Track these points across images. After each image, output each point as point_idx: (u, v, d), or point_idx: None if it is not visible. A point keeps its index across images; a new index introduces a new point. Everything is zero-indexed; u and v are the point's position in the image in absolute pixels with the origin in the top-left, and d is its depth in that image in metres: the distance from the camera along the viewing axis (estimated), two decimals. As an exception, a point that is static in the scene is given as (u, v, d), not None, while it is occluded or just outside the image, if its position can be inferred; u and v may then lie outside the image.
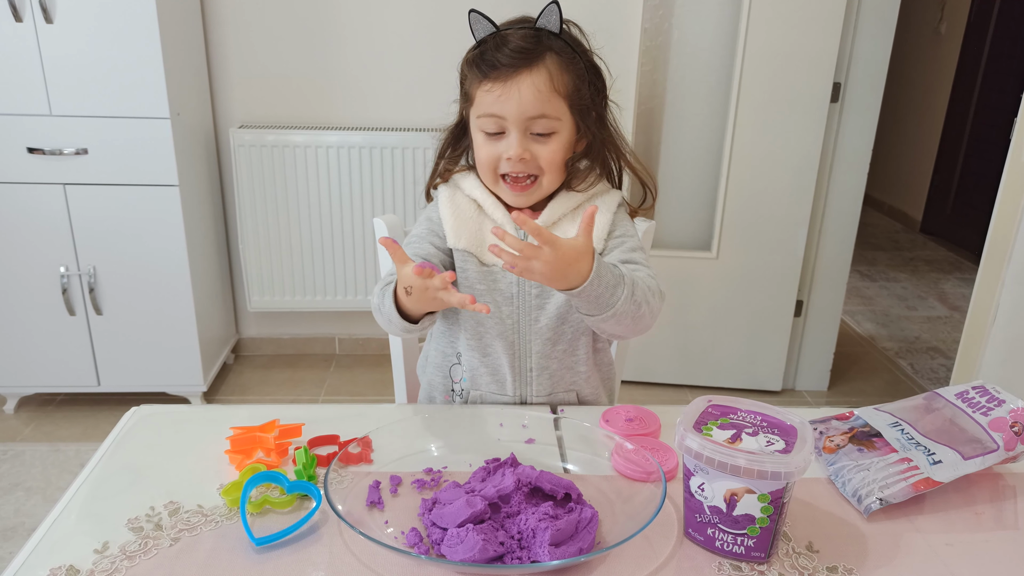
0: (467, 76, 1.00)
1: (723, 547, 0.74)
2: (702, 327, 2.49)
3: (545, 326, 1.04)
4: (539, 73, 0.95)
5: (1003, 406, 0.87)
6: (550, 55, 0.96)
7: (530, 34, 0.96)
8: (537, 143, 0.98)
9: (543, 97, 0.95)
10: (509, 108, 0.95)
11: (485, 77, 0.96)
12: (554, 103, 0.96)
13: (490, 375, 1.06)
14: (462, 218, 1.04)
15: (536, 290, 1.03)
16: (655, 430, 0.95)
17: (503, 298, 1.04)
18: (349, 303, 2.58)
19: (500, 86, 0.95)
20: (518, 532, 0.73)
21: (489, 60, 0.96)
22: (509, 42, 0.96)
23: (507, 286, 1.03)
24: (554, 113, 0.97)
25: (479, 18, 0.98)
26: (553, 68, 0.96)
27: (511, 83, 0.95)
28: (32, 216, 2.10)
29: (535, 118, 0.96)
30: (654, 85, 2.31)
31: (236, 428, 0.89)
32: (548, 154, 0.98)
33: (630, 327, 0.95)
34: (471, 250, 1.03)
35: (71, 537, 0.75)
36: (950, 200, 4.33)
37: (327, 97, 2.46)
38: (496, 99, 0.96)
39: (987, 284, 1.81)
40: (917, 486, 0.81)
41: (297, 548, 0.73)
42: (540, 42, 0.96)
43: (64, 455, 2.15)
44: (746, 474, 0.70)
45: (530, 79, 0.95)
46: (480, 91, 0.97)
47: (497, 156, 0.99)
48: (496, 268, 1.03)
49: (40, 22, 1.93)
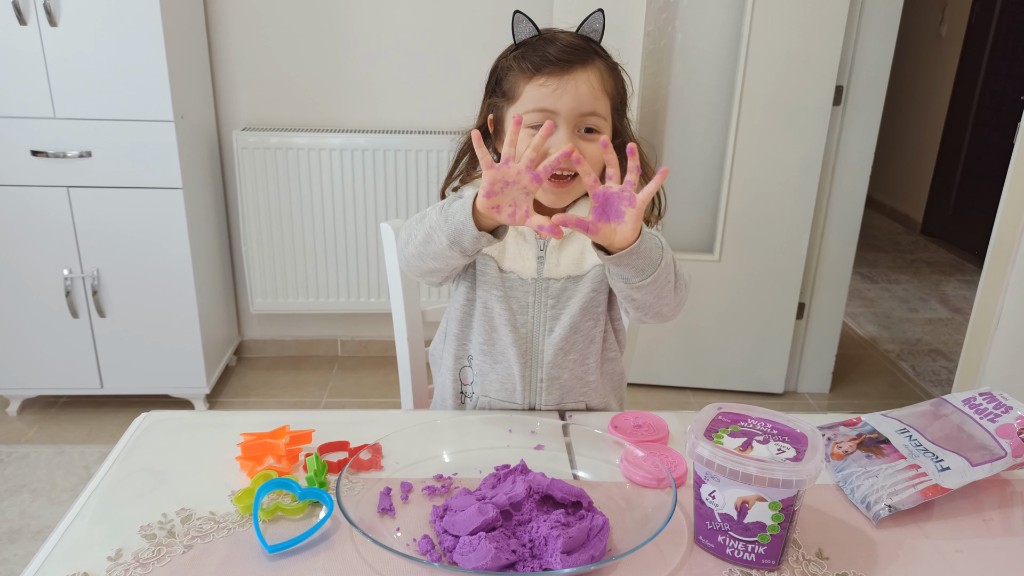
0: (510, 73, 0.99)
1: (734, 554, 0.74)
2: (705, 329, 2.50)
3: (559, 336, 1.04)
4: (592, 72, 0.97)
5: (1010, 413, 0.87)
6: (598, 58, 0.99)
7: (579, 37, 0.99)
8: (583, 140, 0.97)
9: (596, 94, 0.96)
10: (564, 102, 0.95)
11: (538, 71, 0.96)
12: (603, 103, 0.98)
13: (500, 382, 1.06)
14: None
15: (552, 300, 1.03)
16: (663, 436, 0.95)
17: (519, 307, 1.04)
18: (352, 305, 2.58)
19: (556, 80, 0.95)
20: (530, 540, 0.73)
21: (542, 55, 0.96)
22: (560, 41, 0.97)
23: (523, 295, 1.03)
24: (603, 112, 0.98)
25: (523, 19, 0.99)
26: (603, 70, 0.98)
27: (567, 78, 0.95)
28: (36, 218, 2.10)
29: (587, 115, 0.96)
30: (657, 88, 2.32)
31: (247, 434, 0.89)
32: (592, 152, 0.97)
33: (669, 297, 0.94)
34: (491, 253, 1.03)
35: (84, 544, 0.75)
36: (951, 202, 4.33)
37: (331, 99, 2.46)
38: (551, 92, 0.95)
39: (991, 288, 1.81)
40: (926, 492, 0.81)
41: (310, 555, 0.74)
42: (590, 43, 0.98)
43: (69, 457, 2.15)
44: (757, 482, 0.70)
45: (585, 75, 0.96)
46: (530, 86, 0.96)
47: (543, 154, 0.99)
48: (513, 275, 1.03)
49: (44, 25, 1.93)
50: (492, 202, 0.85)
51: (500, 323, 1.03)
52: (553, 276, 1.03)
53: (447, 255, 0.93)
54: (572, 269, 1.04)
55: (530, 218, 0.84)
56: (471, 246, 0.90)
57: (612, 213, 0.84)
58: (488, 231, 0.89)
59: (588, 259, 1.04)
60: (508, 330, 1.03)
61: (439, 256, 0.94)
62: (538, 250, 1.03)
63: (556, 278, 1.03)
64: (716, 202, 2.39)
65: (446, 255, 0.93)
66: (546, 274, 1.03)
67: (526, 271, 1.03)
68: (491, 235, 0.89)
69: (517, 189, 0.85)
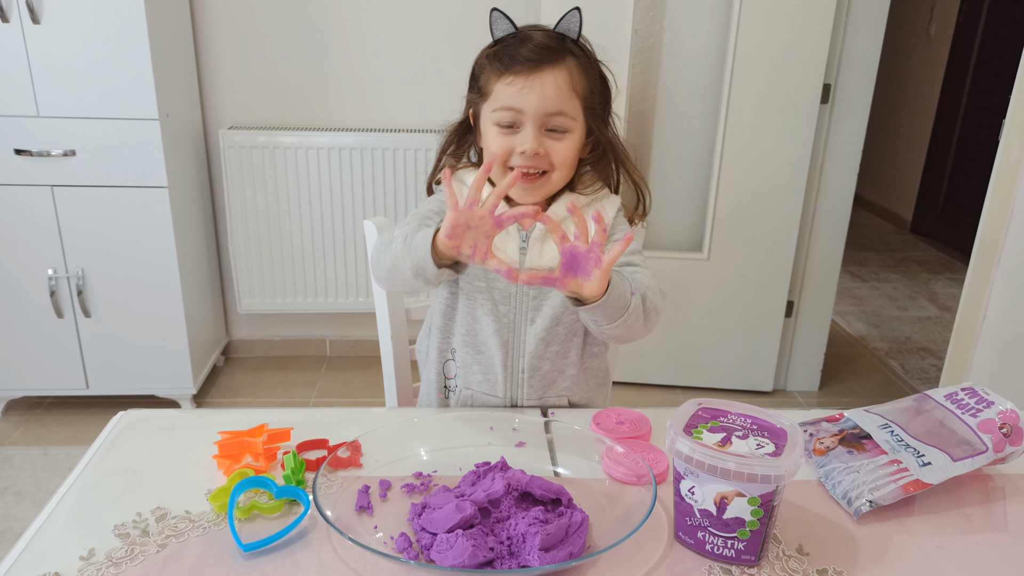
0: (484, 71, 1.02)
1: (713, 550, 0.74)
2: (693, 328, 2.50)
3: (540, 326, 1.05)
4: (561, 71, 0.98)
5: (992, 408, 0.87)
6: (570, 57, 0.99)
7: (553, 35, 1.00)
8: (551, 139, 1.00)
9: (563, 94, 0.98)
10: (530, 101, 0.97)
11: (507, 70, 0.98)
12: (572, 103, 0.99)
13: (482, 373, 1.07)
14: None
15: (534, 291, 1.05)
16: (646, 433, 0.94)
17: (501, 297, 1.05)
18: (340, 305, 2.57)
19: (522, 79, 0.97)
20: (507, 537, 0.72)
21: (512, 54, 0.98)
22: (533, 39, 0.98)
23: (505, 285, 1.05)
24: (571, 112, 0.99)
25: (500, 17, 1.00)
26: (573, 69, 0.99)
27: (534, 77, 0.97)
28: (19, 218, 2.08)
29: (553, 114, 0.98)
30: (645, 87, 2.32)
31: (224, 432, 0.88)
32: (561, 151, 1.00)
33: (639, 331, 0.97)
34: None
35: (57, 544, 0.74)
36: (940, 201, 4.35)
37: (319, 98, 2.45)
38: (517, 91, 0.97)
39: (977, 285, 1.81)
40: (907, 488, 0.81)
41: (285, 554, 0.73)
42: (563, 43, 0.99)
43: (54, 459, 2.14)
44: (736, 477, 0.70)
45: (552, 75, 0.97)
46: (500, 84, 0.99)
47: (510, 149, 1.00)
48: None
49: (27, 22, 1.91)
50: (453, 243, 0.87)
51: (482, 313, 1.04)
52: (535, 267, 1.04)
53: (412, 283, 0.96)
54: (554, 261, 1.04)
55: (488, 260, 0.86)
56: (434, 278, 0.93)
57: (579, 269, 0.86)
58: (448, 264, 0.91)
59: None
60: (490, 320, 1.04)
61: (406, 283, 0.97)
62: (520, 241, 1.05)
63: (538, 269, 1.03)
64: (705, 201, 2.39)
65: (411, 283, 0.96)
66: (528, 264, 1.04)
67: (508, 262, 1.03)
68: (452, 269, 0.92)
69: (479, 233, 0.86)
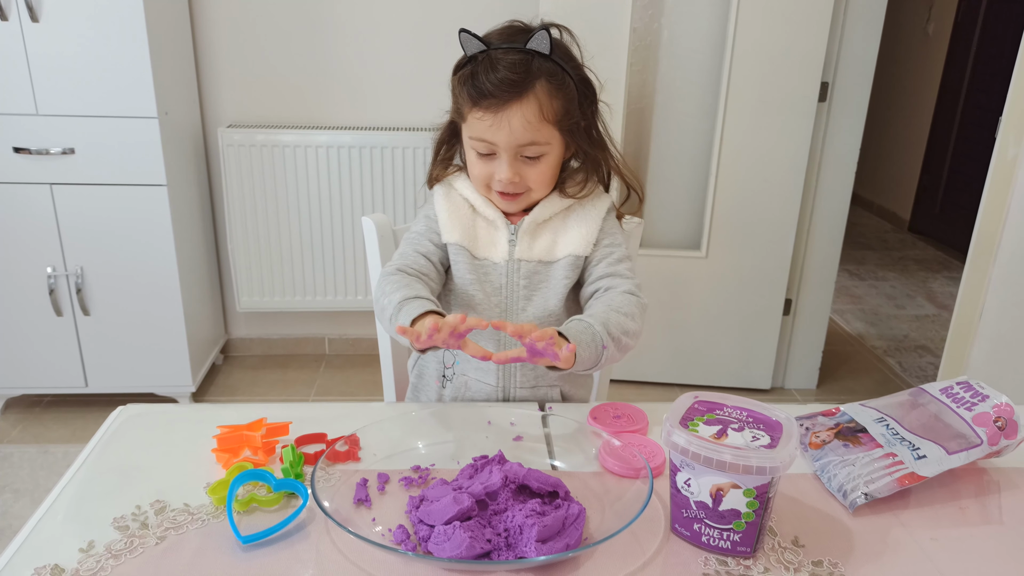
0: (457, 94, 1.02)
1: (709, 542, 0.74)
2: (692, 326, 2.50)
3: (531, 317, 1.06)
4: (529, 104, 0.97)
5: (987, 401, 0.88)
6: (540, 82, 0.97)
7: (520, 61, 0.96)
8: (527, 165, 1.01)
9: (532, 128, 0.97)
10: (500, 137, 0.98)
11: (476, 105, 0.98)
12: (543, 130, 0.99)
13: (476, 361, 1.07)
14: (456, 215, 1.07)
15: (524, 281, 1.06)
16: (643, 427, 0.95)
17: (492, 288, 1.06)
18: (339, 303, 2.57)
19: (491, 116, 0.97)
20: (505, 529, 0.73)
21: (480, 87, 0.97)
22: (499, 69, 0.96)
23: (496, 277, 1.06)
24: (543, 139, 0.99)
25: (469, 38, 0.98)
26: (543, 96, 0.97)
27: (501, 115, 0.97)
28: (19, 216, 2.09)
29: (525, 145, 0.99)
30: (643, 85, 2.32)
31: (223, 427, 0.89)
32: (537, 175, 1.02)
33: (616, 360, 1.01)
34: (463, 244, 1.06)
35: (56, 537, 0.74)
36: (938, 200, 4.35)
37: (317, 97, 2.46)
38: (487, 128, 0.98)
39: (974, 282, 1.82)
40: (902, 481, 0.82)
41: (284, 546, 0.73)
42: (529, 70, 0.96)
43: (53, 457, 2.14)
44: (731, 469, 0.70)
45: (520, 111, 0.96)
46: (471, 116, 0.99)
47: (489, 174, 1.02)
48: (487, 261, 1.06)
49: (26, 21, 1.91)
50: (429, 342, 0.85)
51: (474, 303, 1.06)
52: (525, 258, 1.06)
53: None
54: (544, 255, 1.07)
55: (467, 348, 0.86)
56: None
57: (544, 355, 0.85)
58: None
59: (560, 247, 1.07)
60: (482, 310, 1.06)
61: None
62: (509, 235, 1.06)
63: (528, 259, 1.06)
64: (703, 199, 2.40)
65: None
66: (518, 255, 1.06)
67: (498, 255, 1.06)
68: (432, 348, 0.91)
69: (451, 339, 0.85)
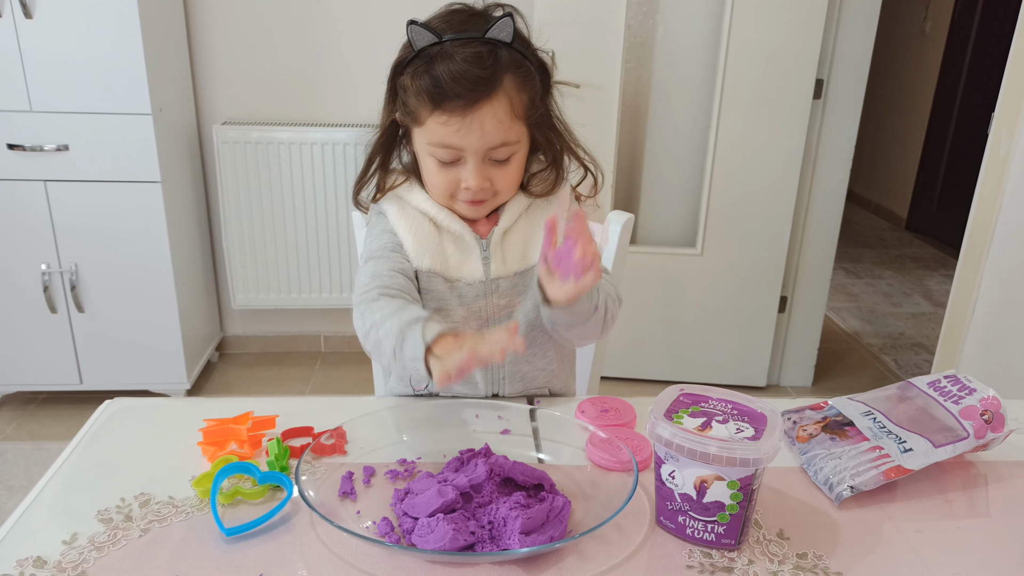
0: (410, 94, 0.90)
1: (694, 534, 0.74)
2: (687, 323, 2.50)
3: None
4: (499, 101, 0.88)
5: (974, 395, 0.88)
6: (508, 76, 0.88)
7: (485, 54, 0.87)
8: (496, 168, 0.93)
9: (504, 127, 0.89)
10: (470, 141, 0.89)
11: (437, 107, 0.88)
12: (515, 128, 0.91)
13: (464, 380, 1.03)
14: (421, 236, 0.97)
15: (503, 300, 1.00)
16: (630, 420, 0.95)
17: (470, 312, 1.00)
18: (335, 300, 2.57)
19: (458, 119, 0.87)
20: (489, 522, 0.73)
21: (442, 87, 0.86)
22: (461, 64, 0.86)
23: (474, 299, 1.00)
24: (514, 138, 0.92)
25: (421, 32, 0.88)
26: (512, 91, 0.89)
27: (471, 117, 0.87)
28: (13, 213, 2.08)
29: (496, 147, 0.91)
30: (639, 82, 2.32)
31: (209, 420, 0.89)
32: (507, 178, 0.94)
33: (594, 336, 0.96)
34: (435, 268, 0.98)
35: (40, 529, 0.74)
36: (935, 198, 4.35)
37: (312, 93, 2.45)
38: (454, 132, 0.88)
39: (966, 279, 1.82)
40: (888, 474, 0.82)
41: (268, 538, 0.73)
42: (496, 62, 0.87)
43: (48, 453, 2.14)
44: (715, 461, 0.70)
45: (491, 111, 0.88)
46: (433, 119, 0.89)
47: (454, 183, 0.93)
48: (461, 283, 0.99)
49: (19, 17, 1.91)
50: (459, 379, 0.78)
51: (457, 322, 1.00)
52: (502, 275, 0.99)
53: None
54: (519, 264, 1.00)
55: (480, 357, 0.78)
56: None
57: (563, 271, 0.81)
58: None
59: (531, 253, 1.00)
60: (460, 327, 1.00)
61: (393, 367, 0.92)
62: (481, 251, 0.99)
63: (505, 276, 0.99)
64: (698, 196, 2.39)
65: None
66: (494, 274, 0.99)
67: (473, 275, 0.99)
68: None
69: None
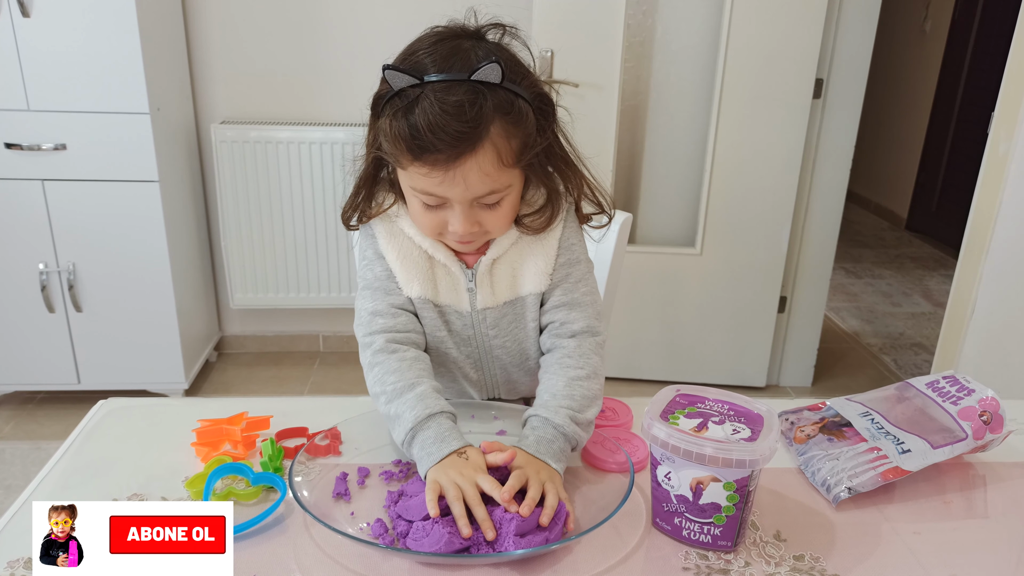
0: (388, 138, 0.82)
1: (690, 536, 0.74)
2: (686, 323, 2.50)
3: (507, 362, 0.98)
4: (485, 153, 0.80)
5: (973, 395, 0.87)
6: (495, 125, 0.80)
7: (468, 103, 0.78)
8: (485, 211, 0.86)
9: (491, 176, 0.81)
10: (455, 192, 0.82)
11: (417, 159, 0.80)
12: (503, 175, 0.83)
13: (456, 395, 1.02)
14: (409, 263, 0.92)
15: (492, 331, 0.95)
16: (627, 421, 0.94)
17: (460, 340, 0.96)
18: (334, 300, 2.56)
19: (440, 173, 0.80)
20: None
21: (421, 141, 0.78)
22: (439, 115, 0.77)
23: (463, 328, 0.95)
24: (503, 184, 0.84)
25: (399, 76, 0.79)
26: (499, 141, 0.81)
27: (454, 170, 0.80)
28: (10, 212, 2.08)
29: (483, 196, 0.83)
30: (638, 81, 2.31)
31: (203, 420, 0.88)
32: (497, 220, 0.87)
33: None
34: (426, 296, 0.93)
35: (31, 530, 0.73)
36: (935, 198, 4.35)
37: (311, 93, 2.45)
38: (437, 184, 0.81)
39: (966, 278, 1.81)
40: (886, 475, 0.81)
41: (261, 540, 0.73)
42: (481, 113, 0.78)
43: (46, 453, 2.13)
44: (711, 462, 0.70)
45: (476, 164, 0.80)
46: (414, 167, 0.81)
47: (440, 224, 0.87)
48: (450, 308, 0.94)
49: (17, 15, 1.91)
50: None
51: (446, 350, 0.96)
52: (489, 305, 0.93)
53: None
54: (508, 294, 0.94)
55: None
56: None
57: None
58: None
59: (521, 283, 0.94)
60: (455, 355, 0.97)
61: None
62: (467, 281, 0.93)
63: (493, 306, 0.94)
64: (697, 196, 2.39)
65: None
66: (481, 305, 0.93)
67: (460, 304, 0.94)
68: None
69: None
